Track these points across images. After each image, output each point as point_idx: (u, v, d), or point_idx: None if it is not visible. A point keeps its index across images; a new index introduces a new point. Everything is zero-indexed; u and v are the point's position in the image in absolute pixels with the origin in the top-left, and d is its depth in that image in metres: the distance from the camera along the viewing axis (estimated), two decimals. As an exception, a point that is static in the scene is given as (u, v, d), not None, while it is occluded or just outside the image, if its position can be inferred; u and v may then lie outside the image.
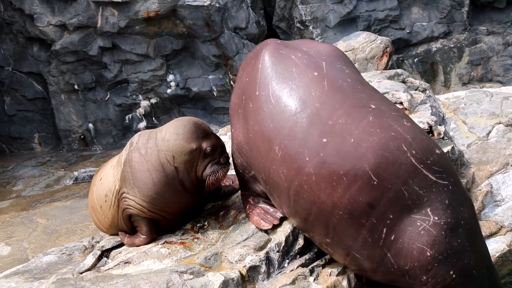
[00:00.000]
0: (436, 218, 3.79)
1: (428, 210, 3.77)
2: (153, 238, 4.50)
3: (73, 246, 5.15)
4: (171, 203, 4.37)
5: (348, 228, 3.83)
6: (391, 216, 3.74)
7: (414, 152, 3.76)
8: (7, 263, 7.16)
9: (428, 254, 3.80)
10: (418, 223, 3.76)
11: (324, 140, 3.75)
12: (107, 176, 4.64)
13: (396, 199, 3.71)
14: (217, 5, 11.55)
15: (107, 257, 4.62)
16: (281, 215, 4.36)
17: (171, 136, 4.27)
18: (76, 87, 11.72)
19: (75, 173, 10.31)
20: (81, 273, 4.42)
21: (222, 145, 4.30)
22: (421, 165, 3.76)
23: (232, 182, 4.90)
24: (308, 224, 4.03)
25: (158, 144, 4.29)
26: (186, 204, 4.43)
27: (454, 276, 3.82)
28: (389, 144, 3.73)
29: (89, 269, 4.47)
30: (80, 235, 7.53)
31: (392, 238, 3.79)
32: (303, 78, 3.90)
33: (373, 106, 3.85)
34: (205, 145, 4.23)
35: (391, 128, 3.78)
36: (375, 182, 3.70)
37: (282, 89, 3.92)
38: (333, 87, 3.88)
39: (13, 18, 11.67)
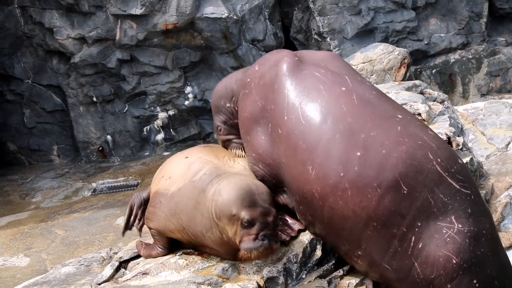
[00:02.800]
0: (460, 226, 3.84)
1: (453, 217, 3.83)
2: (169, 250, 4.48)
3: (91, 257, 5.17)
4: (208, 244, 4.23)
5: (381, 239, 3.88)
6: (419, 224, 3.81)
7: (439, 160, 3.85)
8: (26, 274, 7.20)
9: (454, 261, 3.83)
10: (444, 231, 3.81)
11: (358, 153, 3.82)
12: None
13: (423, 207, 3.79)
14: (235, 17, 11.59)
15: (125, 268, 4.63)
16: (300, 227, 4.36)
17: (223, 192, 3.99)
18: (94, 99, 11.80)
19: (93, 185, 10.36)
20: (99, 284, 4.43)
21: (264, 222, 3.91)
22: (446, 173, 3.85)
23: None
24: (341, 240, 4.06)
25: (215, 194, 4.03)
26: (227, 254, 4.22)
27: (477, 285, 3.82)
28: (416, 153, 3.82)
29: (107, 280, 4.48)
30: (98, 246, 7.56)
31: (420, 246, 3.84)
32: (332, 94, 3.95)
33: (400, 116, 3.96)
34: (243, 214, 3.89)
35: (418, 137, 3.88)
36: (405, 191, 3.79)
37: (313, 109, 3.96)
38: (362, 101, 3.95)
39: (33, 32, 11.79)
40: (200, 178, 4.15)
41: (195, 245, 4.35)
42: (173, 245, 4.47)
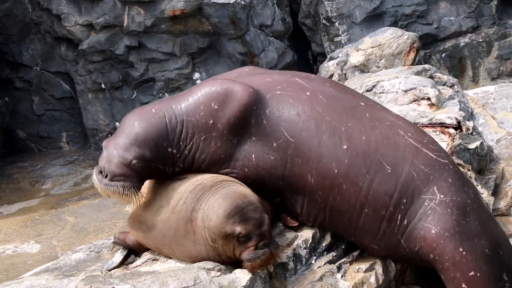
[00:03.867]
0: (442, 196, 3.99)
1: (435, 188, 3.99)
2: None
3: (101, 243, 5.19)
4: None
5: (372, 225, 4.06)
6: (405, 201, 3.98)
7: (410, 134, 4.10)
8: (37, 260, 7.23)
9: (433, 231, 3.97)
10: (426, 203, 3.98)
11: (345, 146, 4.02)
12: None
13: (407, 182, 3.98)
14: (243, 2, 11.53)
15: (135, 254, 4.64)
16: None
17: (212, 216, 3.95)
18: (103, 86, 11.79)
19: (103, 172, 10.38)
20: (110, 270, 4.45)
21: (260, 233, 3.90)
22: (420, 145, 4.06)
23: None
24: (340, 230, 4.25)
25: (204, 220, 3.99)
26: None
27: (464, 253, 3.93)
28: (388, 133, 4.07)
29: (117, 267, 4.50)
30: (108, 233, 7.58)
31: (405, 223, 4.01)
32: (303, 102, 4.07)
33: (362, 104, 4.21)
34: (238, 230, 3.88)
35: (385, 119, 4.15)
36: (389, 170, 3.98)
37: (294, 123, 4.06)
38: (328, 97, 4.15)
39: (41, 19, 11.78)
40: (181, 208, 4.09)
41: None
42: None
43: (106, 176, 4.11)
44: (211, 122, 4.15)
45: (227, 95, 4.13)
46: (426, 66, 6.70)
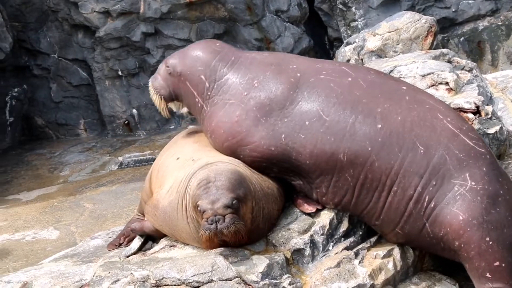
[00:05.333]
0: (473, 183, 3.98)
1: (467, 175, 4.00)
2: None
3: (119, 230, 5.21)
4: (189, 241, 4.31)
5: (399, 204, 4.08)
6: (434, 183, 4.00)
7: (449, 119, 4.15)
8: (56, 246, 7.29)
9: (461, 218, 3.95)
10: (456, 188, 3.99)
11: (379, 126, 4.09)
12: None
13: (439, 164, 4.00)
14: (259, -12, 11.49)
15: (153, 240, 4.66)
16: None
17: (191, 188, 4.11)
18: (120, 73, 11.81)
19: (120, 159, 10.42)
20: (128, 256, 4.48)
21: (212, 209, 3.94)
22: (458, 130, 4.09)
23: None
24: (362, 213, 4.25)
25: (187, 190, 4.15)
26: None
27: (490, 243, 3.90)
28: (427, 115, 4.14)
29: (135, 253, 4.53)
30: (125, 219, 7.60)
31: (432, 205, 4.02)
32: (343, 87, 4.23)
33: (404, 88, 4.33)
34: (198, 203, 4.00)
35: (425, 102, 4.23)
36: (422, 151, 4.02)
37: (330, 104, 4.20)
38: (368, 83, 4.28)
39: (58, 6, 11.81)
40: (181, 187, 4.23)
41: None
42: None
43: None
44: (245, 94, 4.36)
45: (274, 77, 4.36)
46: (444, 50, 6.63)
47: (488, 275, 3.91)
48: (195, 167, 4.21)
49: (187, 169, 4.27)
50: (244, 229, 3.99)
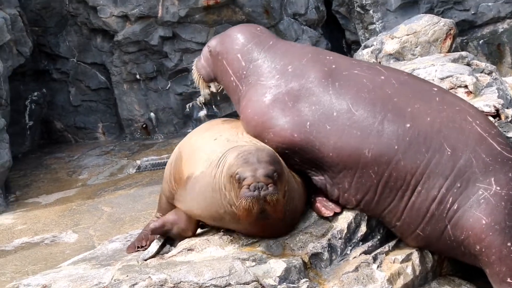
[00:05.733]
0: (498, 188, 3.95)
1: (492, 179, 3.97)
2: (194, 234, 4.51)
3: (137, 233, 5.22)
4: (225, 224, 4.28)
5: (421, 205, 4.06)
6: (459, 185, 3.99)
7: (478, 122, 4.14)
8: (75, 250, 7.33)
9: (484, 222, 3.92)
10: (480, 192, 3.96)
11: (408, 125, 4.09)
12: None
13: (465, 167, 3.99)
14: (277, -9, 11.51)
15: (171, 244, 4.67)
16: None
17: (227, 162, 4.08)
18: (138, 76, 11.87)
19: (138, 162, 10.46)
20: (146, 260, 4.48)
21: (253, 175, 3.90)
22: (487, 134, 4.07)
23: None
24: (383, 212, 4.22)
25: (223, 167, 4.11)
26: (246, 231, 4.23)
27: None
28: (456, 117, 4.14)
29: (153, 256, 4.53)
30: (143, 223, 7.64)
31: (455, 208, 3.99)
32: (374, 84, 4.25)
33: (435, 89, 4.35)
34: (235, 169, 3.95)
35: (455, 104, 4.23)
36: (448, 152, 4.04)
37: (361, 99, 4.21)
38: (400, 83, 4.30)
39: (77, 10, 11.90)
40: (215, 165, 4.21)
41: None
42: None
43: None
44: (277, 77, 4.41)
45: (308, 64, 4.40)
46: (463, 53, 6.60)
47: (509, 280, 3.89)
48: (234, 145, 4.25)
49: (226, 147, 4.28)
50: (283, 204, 3.97)
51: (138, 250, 4.76)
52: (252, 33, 4.66)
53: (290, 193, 4.13)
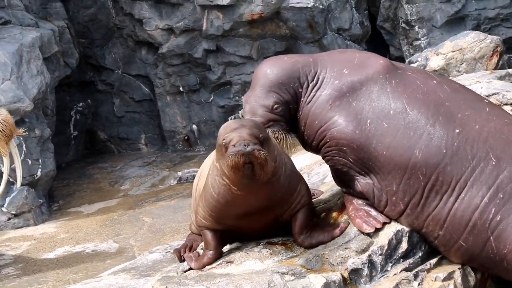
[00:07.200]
0: None
1: None
2: (220, 253, 4.41)
3: (177, 244, 5.24)
4: (228, 207, 4.23)
5: (464, 212, 4.06)
6: (501, 196, 3.99)
7: None
8: (115, 259, 7.40)
9: None
10: None
11: (457, 130, 4.16)
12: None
13: (508, 179, 4.00)
14: (321, 6, 11.50)
15: (211, 256, 4.66)
16: (384, 219, 4.32)
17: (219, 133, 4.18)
18: (181, 89, 11.97)
19: (179, 173, 10.52)
20: (185, 271, 4.49)
21: (240, 135, 3.97)
22: None
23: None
24: (426, 220, 4.21)
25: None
26: (246, 207, 4.20)
27: None
28: (504, 129, 4.17)
29: (192, 268, 4.53)
30: (183, 234, 7.67)
31: (498, 219, 3.98)
32: (429, 87, 4.31)
33: (486, 101, 4.42)
34: (223, 137, 4.02)
35: (504, 116, 4.28)
36: (493, 162, 4.08)
37: (416, 100, 4.27)
38: (453, 89, 4.36)
39: (123, 23, 12.07)
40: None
41: (232, 229, 4.36)
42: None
43: None
44: (336, 82, 4.45)
45: (363, 62, 4.47)
46: (510, 70, 6.51)
47: None
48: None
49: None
50: (271, 164, 4.01)
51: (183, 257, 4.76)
52: (291, 64, 4.58)
53: (281, 157, 4.19)
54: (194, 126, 12.05)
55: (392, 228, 4.28)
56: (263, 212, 4.26)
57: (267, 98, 4.50)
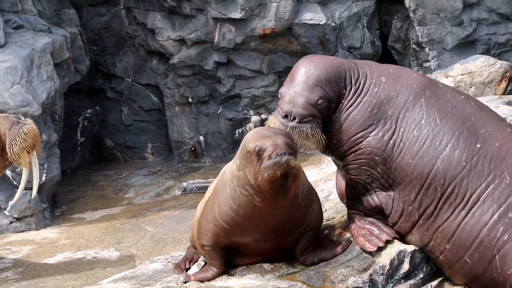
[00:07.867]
0: None
1: None
2: (225, 269, 4.37)
3: (178, 255, 5.24)
4: (246, 220, 4.13)
5: (473, 227, 4.09)
6: (511, 216, 4.02)
7: None
8: (116, 267, 7.38)
9: None
10: None
11: (478, 145, 4.25)
12: None
13: None
14: (333, 24, 11.53)
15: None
16: (387, 237, 4.30)
17: (244, 140, 4.12)
18: (190, 100, 11.99)
19: (184, 184, 10.52)
20: (185, 283, 4.48)
21: (275, 144, 3.90)
22: None
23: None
24: (435, 233, 4.24)
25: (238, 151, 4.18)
26: (264, 222, 4.12)
27: None
28: None
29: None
30: (185, 245, 7.64)
31: (504, 238, 3.98)
32: (457, 100, 4.44)
33: (507, 122, 4.56)
34: (255, 145, 3.94)
35: None
36: (507, 181, 4.13)
37: (445, 111, 4.36)
38: (479, 106, 4.50)
39: (136, 32, 12.12)
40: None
41: (240, 247, 4.31)
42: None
43: (294, 118, 4.32)
44: (375, 89, 4.49)
45: (398, 73, 4.56)
46: (519, 96, 6.51)
47: None
48: None
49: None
50: (302, 178, 4.02)
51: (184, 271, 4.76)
52: (337, 64, 4.58)
53: (302, 176, 4.15)
54: (201, 138, 12.05)
55: (395, 248, 4.27)
56: (278, 231, 4.19)
57: (313, 91, 4.38)
